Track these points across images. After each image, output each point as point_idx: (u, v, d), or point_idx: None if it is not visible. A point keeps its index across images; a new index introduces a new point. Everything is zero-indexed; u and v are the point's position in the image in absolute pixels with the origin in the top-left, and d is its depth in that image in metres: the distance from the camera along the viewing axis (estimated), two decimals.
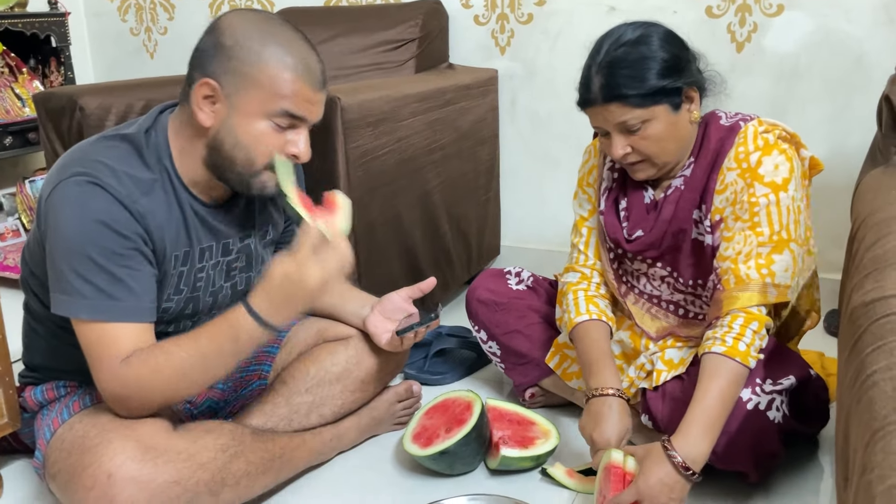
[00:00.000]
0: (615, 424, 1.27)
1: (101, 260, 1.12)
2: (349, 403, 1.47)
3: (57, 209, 1.13)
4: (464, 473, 1.43)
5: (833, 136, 2.05)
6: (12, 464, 1.48)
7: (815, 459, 1.45)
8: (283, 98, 1.14)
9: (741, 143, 1.29)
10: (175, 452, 1.16)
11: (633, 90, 1.23)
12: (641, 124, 1.26)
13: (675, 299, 1.43)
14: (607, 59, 1.26)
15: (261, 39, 1.14)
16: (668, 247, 1.38)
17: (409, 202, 1.90)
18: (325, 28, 2.33)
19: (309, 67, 1.16)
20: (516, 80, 2.38)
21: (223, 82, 1.15)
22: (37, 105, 1.87)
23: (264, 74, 1.14)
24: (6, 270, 2.39)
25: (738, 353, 1.22)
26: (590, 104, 1.29)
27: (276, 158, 1.18)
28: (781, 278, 1.26)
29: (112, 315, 1.14)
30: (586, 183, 1.52)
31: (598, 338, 1.40)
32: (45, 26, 2.64)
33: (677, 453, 1.17)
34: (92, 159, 1.15)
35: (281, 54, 1.14)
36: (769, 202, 1.26)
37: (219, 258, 1.30)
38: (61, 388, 1.31)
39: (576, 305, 1.45)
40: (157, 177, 1.19)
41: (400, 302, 1.46)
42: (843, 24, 1.98)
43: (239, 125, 1.16)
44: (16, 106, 2.62)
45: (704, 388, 1.22)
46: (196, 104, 1.16)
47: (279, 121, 1.16)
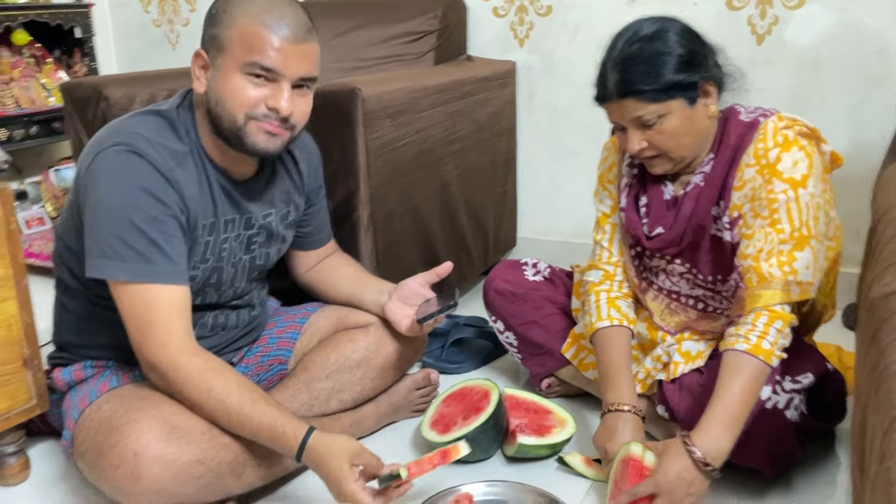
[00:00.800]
0: (628, 439, 1.30)
1: (141, 224, 1.16)
2: (368, 390, 1.50)
3: (98, 176, 1.18)
4: (481, 460, 1.44)
5: (853, 129, 2.04)
6: (38, 445, 1.51)
7: (832, 451, 1.45)
8: (251, 49, 1.16)
9: (760, 140, 1.29)
10: (199, 433, 1.19)
11: (648, 85, 1.23)
12: (657, 119, 1.26)
13: (695, 294, 1.43)
14: (622, 55, 1.26)
15: (239, 2, 1.19)
16: (688, 243, 1.38)
17: (428, 193, 1.91)
18: (345, 20, 2.34)
19: (280, 19, 1.17)
20: (534, 72, 2.39)
21: (208, 48, 1.21)
22: (63, 94, 1.90)
23: (234, 31, 1.18)
24: (32, 257, 2.43)
25: (761, 352, 1.22)
26: (606, 100, 1.29)
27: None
28: (804, 275, 1.26)
29: (151, 277, 1.18)
30: (607, 180, 1.52)
31: (618, 346, 1.41)
32: (69, 17, 2.68)
33: (697, 449, 1.17)
34: (129, 131, 1.20)
35: (254, 11, 1.17)
36: (788, 199, 1.25)
37: (240, 231, 1.34)
38: (88, 368, 1.34)
39: (597, 309, 1.45)
40: (188, 149, 1.24)
41: (417, 288, 1.47)
42: (863, 16, 1.97)
43: (219, 82, 1.20)
44: (41, 96, 2.66)
45: (726, 385, 1.21)
46: (194, 75, 1.23)
47: (252, 73, 1.17)
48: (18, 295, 1.33)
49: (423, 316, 1.40)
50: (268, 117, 1.20)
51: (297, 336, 1.52)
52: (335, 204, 1.68)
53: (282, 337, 1.52)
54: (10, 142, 2.52)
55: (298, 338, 1.52)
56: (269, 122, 1.20)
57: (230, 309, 1.41)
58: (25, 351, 1.35)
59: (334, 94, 1.61)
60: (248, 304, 1.44)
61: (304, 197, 1.46)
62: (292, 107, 1.20)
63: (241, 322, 1.44)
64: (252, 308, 1.46)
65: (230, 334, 1.42)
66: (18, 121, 2.54)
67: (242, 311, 1.43)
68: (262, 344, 1.51)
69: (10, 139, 2.52)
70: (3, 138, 2.49)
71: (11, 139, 2.52)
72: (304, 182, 1.44)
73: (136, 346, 1.20)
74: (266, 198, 1.37)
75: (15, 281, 1.32)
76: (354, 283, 1.54)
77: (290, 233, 1.46)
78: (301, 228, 1.50)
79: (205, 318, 1.36)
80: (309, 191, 1.47)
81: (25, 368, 1.35)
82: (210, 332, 1.38)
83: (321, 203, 1.52)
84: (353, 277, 1.55)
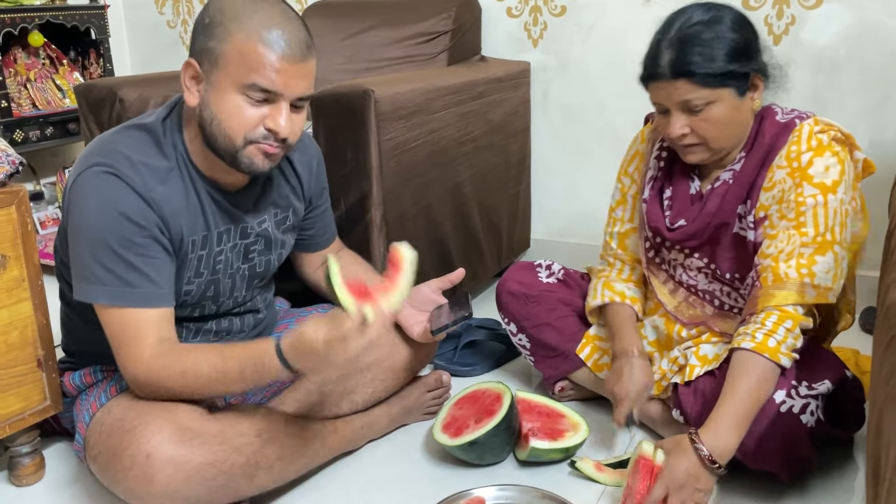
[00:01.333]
0: (635, 379, 1.37)
1: (118, 249, 1.16)
2: (380, 392, 1.49)
3: (77, 199, 1.17)
4: (493, 464, 1.44)
5: (872, 130, 2.01)
6: (53, 446, 1.52)
7: (850, 457, 1.43)
8: (252, 71, 1.12)
9: (794, 142, 1.28)
10: (211, 435, 1.19)
11: (703, 69, 1.22)
12: (705, 105, 1.25)
13: (711, 289, 1.43)
14: (679, 35, 1.25)
15: (234, 14, 1.13)
16: (709, 238, 1.37)
17: (441, 194, 1.91)
18: (358, 21, 2.34)
19: (281, 39, 1.12)
20: (549, 72, 2.37)
21: (201, 60, 1.16)
22: (78, 96, 1.91)
23: (234, 48, 1.12)
24: (47, 258, 2.44)
25: (767, 350, 1.22)
26: (656, 78, 1.27)
27: (329, 259, 1.17)
28: (821, 279, 1.25)
29: (131, 301, 1.18)
30: (624, 171, 1.53)
31: (618, 311, 1.50)
32: (84, 18, 2.69)
33: (704, 446, 1.18)
34: (111, 149, 1.19)
35: (253, 27, 1.12)
36: (816, 203, 1.25)
37: (237, 241, 1.33)
38: (98, 372, 1.35)
39: (593, 291, 1.55)
40: (174, 164, 1.22)
41: (430, 294, 1.47)
42: (883, 16, 1.94)
43: (215, 101, 1.15)
44: (56, 97, 2.68)
45: (734, 384, 1.22)
46: (184, 85, 1.18)
47: (252, 95, 1.13)
48: (33, 296, 1.33)
49: (437, 327, 1.40)
50: (267, 139, 1.17)
51: None
52: (348, 205, 1.68)
53: None
54: (26, 143, 2.53)
55: None
56: (267, 143, 1.17)
57: (234, 315, 1.41)
58: (40, 352, 1.36)
59: (347, 96, 1.61)
60: (252, 309, 1.44)
61: (305, 201, 1.45)
62: (291, 127, 1.17)
63: (247, 326, 1.44)
64: (257, 312, 1.45)
65: (236, 338, 1.42)
66: (34, 122, 2.56)
67: (247, 317, 1.43)
68: None
69: (26, 140, 2.53)
70: (19, 139, 2.51)
71: (27, 140, 2.54)
72: (303, 186, 1.42)
73: (119, 366, 1.22)
74: (261, 205, 1.35)
75: (30, 282, 1.33)
76: None
77: (290, 237, 1.45)
78: (305, 231, 1.49)
79: (208, 325, 1.37)
80: (311, 194, 1.45)
81: (40, 369, 1.36)
82: (215, 337, 1.38)
83: (325, 205, 1.51)
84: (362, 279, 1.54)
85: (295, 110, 1.18)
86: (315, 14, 2.44)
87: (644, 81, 1.31)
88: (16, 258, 1.30)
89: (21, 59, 2.63)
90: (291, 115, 1.17)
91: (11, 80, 2.57)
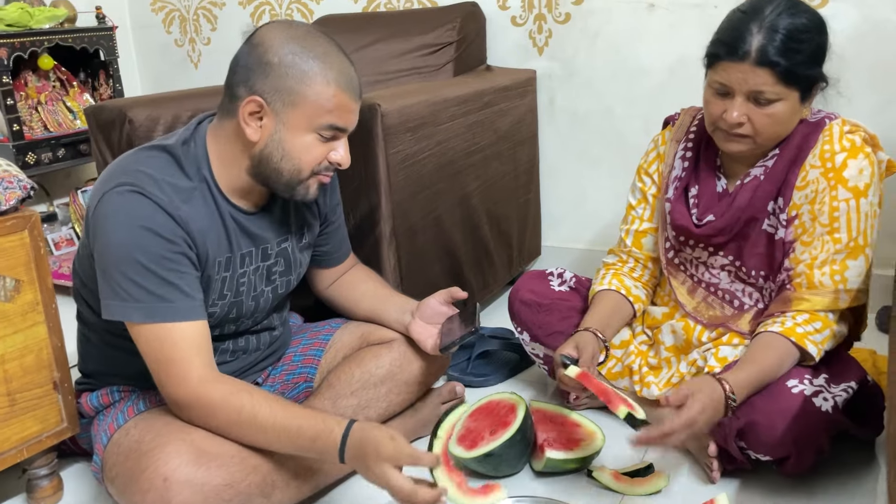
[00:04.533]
0: (587, 350, 1.36)
1: (149, 264, 1.16)
2: (394, 405, 1.49)
3: (104, 219, 1.18)
4: (509, 475, 1.43)
5: (882, 128, 1.98)
6: (71, 467, 1.53)
7: (873, 459, 1.42)
8: (329, 112, 1.20)
9: (826, 142, 1.29)
10: (228, 456, 1.19)
11: (790, 63, 1.21)
12: (773, 101, 1.24)
13: (733, 289, 1.42)
14: (773, 22, 1.22)
15: (303, 55, 1.19)
16: (737, 233, 1.37)
17: (450, 205, 1.91)
18: (363, 34, 2.35)
19: (350, 80, 1.22)
20: (555, 80, 2.37)
21: (270, 99, 1.18)
22: (88, 118, 1.93)
23: (310, 90, 1.18)
24: (61, 278, 2.46)
25: (793, 334, 1.25)
26: (736, 59, 1.23)
27: (435, 471, 1.26)
28: (854, 283, 1.27)
29: (165, 316, 1.17)
30: (644, 171, 1.53)
31: (607, 301, 1.50)
32: (93, 40, 2.72)
33: (728, 382, 1.22)
34: (133, 170, 1.20)
35: (324, 70, 1.19)
36: (849, 208, 1.26)
37: (259, 263, 1.34)
38: (115, 393, 1.36)
39: (601, 278, 1.56)
40: (196, 185, 1.24)
41: (438, 306, 1.47)
42: (889, 13, 1.93)
43: (286, 139, 1.21)
44: (67, 119, 2.71)
45: (755, 353, 1.27)
46: (243, 120, 1.20)
47: (324, 133, 1.22)
48: (48, 319, 1.34)
49: (445, 345, 1.41)
50: (328, 170, 1.26)
51: (322, 353, 1.52)
52: (357, 219, 1.68)
53: (306, 354, 1.52)
54: (38, 165, 2.56)
55: (323, 355, 1.52)
56: (327, 173, 1.27)
57: (250, 334, 1.41)
58: (56, 374, 1.36)
59: None
60: (268, 327, 1.44)
61: (321, 218, 1.47)
62: (349, 158, 1.27)
63: (263, 344, 1.44)
64: (273, 330, 1.46)
65: (252, 357, 1.43)
66: (46, 144, 2.58)
67: (263, 335, 1.44)
68: (286, 362, 1.52)
69: (38, 162, 2.56)
70: (32, 162, 2.54)
71: (40, 162, 2.56)
72: (318, 204, 1.45)
73: (158, 384, 1.21)
74: (282, 226, 1.37)
75: (44, 305, 1.34)
76: (376, 299, 1.53)
77: (306, 255, 1.46)
78: (319, 248, 1.50)
79: (225, 345, 1.37)
80: (325, 211, 1.47)
81: (56, 392, 1.37)
82: (231, 356, 1.39)
83: (339, 221, 1.53)
84: (374, 294, 1.54)
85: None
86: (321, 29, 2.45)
87: (714, 58, 1.27)
88: (30, 282, 1.31)
89: (31, 83, 2.66)
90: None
91: (22, 103, 2.59)
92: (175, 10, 3.02)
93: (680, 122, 1.51)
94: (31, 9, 2.54)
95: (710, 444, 1.34)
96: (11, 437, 1.31)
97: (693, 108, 1.53)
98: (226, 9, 2.87)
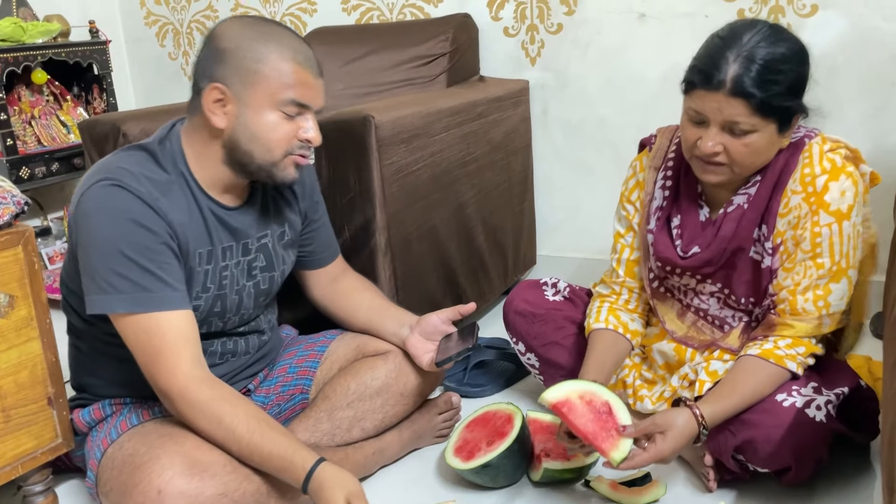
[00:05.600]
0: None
1: (132, 255, 1.18)
2: (390, 417, 1.49)
3: (86, 214, 1.20)
4: (507, 486, 1.43)
5: (873, 135, 2.01)
6: (67, 483, 1.52)
7: (868, 466, 1.42)
8: (289, 88, 1.22)
9: (806, 164, 1.26)
10: (221, 465, 1.19)
11: (764, 94, 1.16)
12: (746, 132, 1.20)
13: (723, 315, 1.42)
14: (750, 52, 1.17)
15: (258, 38, 1.23)
16: (724, 263, 1.36)
17: (445, 215, 1.91)
18: (357, 46, 2.36)
19: (307, 56, 1.25)
20: (548, 90, 2.38)
21: (230, 83, 1.22)
22: (82, 132, 1.93)
23: (267, 67, 1.21)
24: (56, 293, 2.45)
25: (772, 356, 1.25)
26: (710, 88, 1.19)
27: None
28: (837, 306, 1.27)
29: (149, 305, 1.19)
30: (627, 199, 1.50)
31: (603, 344, 1.45)
32: (87, 55, 2.72)
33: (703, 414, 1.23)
34: (112, 167, 1.23)
35: (279, 48, 1.22)
36: (832, 232, 1.24)
37: (239, 258, 1.35)
38: (107, 407, 1.36)
39: (597, 313, 1.50)
40: (174, 179, 1.26)
41: (439, 324, 1.48)
42: (878, 21, 1.95)
43: (251, 120, 1.23)
44: (61, 133, 2.71)
45: (733, 380, 1.27)
46: (208, 109, 1.23)
47: (287, 110, 1.23)
48: (42, 335, 1.34)
49: (441, 359, 1.41)
50: (301, 148, 1.27)
51: (317, 365, 1.52)
52: (352, 231, 1.69)
53: (301, 366, 1.52)
54: (32, 179, 2.55)
55: (318, 366, 1.52)
56: (301, 153, 1.28)
57: (238, 336, 1.42)
58: (50, 390, 1.36)
59: (347, 122, 1.62)
60: (256, 329, 1.45)
61: (301, 215, 1.47)
62: (319, 135, 1.27)
63: (252, 347, 1.45)
64: (262, 333, 1.47)
65: (241, 360, 1.43)
66: (40, 158, 2.57)
67: (251, 337, 1.44)
68: (282, 373, 1.51)
69: (32, 177, 2.55)
70: (25, 176, 2.53)
71: (34, 177, 2.56)
72: (298, 200, 1.46)
73: (147, 376, 1.22)
74: (261, 221, 1.38)
75: (38, 321, 1.33)
76: (373, 311, 1.54)
77: (290, 253, 1.47)
78: (305, 247, 1.51)
79: (213, 346, 1.37)
80: (305, 208, 1.48)
81: (51, 407, 1.36)
82: (220, 359, 1.39)
83: (322, 220, 1.53)
84: (370, 305, 1.54)
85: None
86: (314, 40, 2.46)
87: (690, 86, 1.23)
88: (23, 297, 1.31)
89: (25, 97, 2.66)
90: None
91: (16, 118, 2.59)
92: (168, 23, 3.03)
93: (657, 145, 1.46)
94: (24, 24, 2.54)
95: (706, 454, 1.34)
96: (6, 454, 1.30)
97: (669, 128, 1.48)
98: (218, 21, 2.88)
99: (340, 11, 2.64)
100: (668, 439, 1.20)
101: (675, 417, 1.22)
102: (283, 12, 2.76)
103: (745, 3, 2.08)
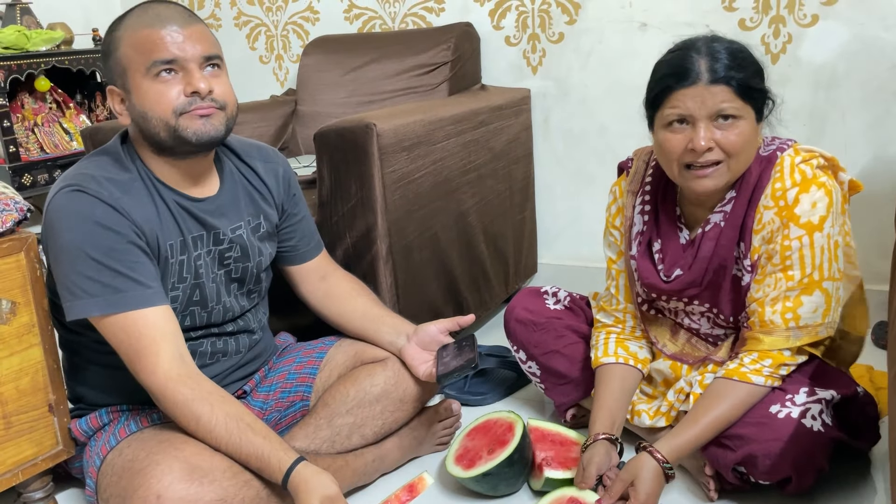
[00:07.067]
0: (597, 464, 1.31)
1: (100, 257, 1.19)
2: (390, 423, 1.49)
3: (52, 222, 1.22)
4: (507, 495, 1.42)
5: (874, 145, 2.01)
6: (67, 490, 1.52)
7: (868, 477, 1.41)
8: (147, 53, 1.22)
9: (777, 178, 1.26)
10: (220, 471, 1.19)
11: (741, 75, 1.20)
12: (736, 118, 1.21)
13: (715, 333, 1.42)
14: (711, 48, 1.22)
15: (114, 29, 1.26)
16: (709, 283, 1.35)
17: (446, 223, 1.92)
18: (359, 55, 2.37)
19: (155, 16, 1.23)
20: (549, 98, 2.39)
21: (114, 80, 1.27)
22: (84, 139, 1.93)
23: (127, 46, 1.23)
24: None
25: (736, 374, 1.27)
26: (687, 84, 1.21)
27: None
28: (808, 319, 1.26)
29: (123, 305, 1.20)
30: (612, 225, 1.51)
31: (614, 382, 1.44)
32: (90, 62, 2.73)
33: (661, 453, 1.26)
34: (74, 174, 1.26)
35: (126, 26, 1.24)
36: (802, 245, 1.24)
37: (210, 247, 1.36)
38: (104, 415, 1.36)
39: (605, 346, 1.49)
40: (135, 176, 1.28)
41: (437, 334, 1.48)
42: (880, 31, 1.95)
43: (138, 101, 1.24)
44: (64, 140, 2.71)
45: (696, 408, 1.30)
46: (116, 112, 1.28)
47: (159, 74, 1.22)
48: (43, 341, 1.34)
49: (443, 373, 1.41)
50: (192, 103, 1.23)
51: (317, 371, 1.52)
52: (354, 238, 1.69)
53: (301, 373, 1.52)
54: (34, 186, 2.56)
55: (318, 373, 1.52)
56: (196, 106, 1.23)
57: (228, 335, 1.42)
58: (51, 396, 1.36)
59: (349, 130, 1.62)
60: (245, 329, 1.45)
61: (277, 207, 1.48)
62: (209, 83, 1.23)
63: (243, 347, 1.45)
64: (252, 332, 1.47)
65: (232, 360, 1.43)
66: (42, 166, 2.58)
67: (241, 337, 1.44)
68: (280, 380, 1.51)
69: (34, 184, 2.56)
70: (28, 183, 2.54)
71: (36, 184, 2.57)
72: (272, 192, 1.46)
73: (133, 374, 1.23)
74: (233, 212, 1.39)
75: (40, 328, 1.33)
76: (367, 319, 1.53)
77: (267, 245, 1.46)
78: (285, 242, 1.51)
79: (203, 347, 1.38)
80: (281, 200, 1.48)
81: (52, 414, 1.36)
82: (211, 359, 1.40)
83: (301, 213, 1.53)
84: (364, 313, 1.54)
85: (210, 72, 1.25)
86: (316, 49, 2.47)
87: (666, 91, 1.23)
88: (25, 304, 1.31)
89: (28, 105, 2.67)
90: (209, 77, 1.25)
91: (19, 125, 2.60)
92: None
93: (634, 169, 1.46)
94: (27, 31, 2.55)
95: (706, 465, 1.34)
96: (7, 461, 1.30)
97: (644, 149, 1.48)
98: (221, 30, 2.90)
99: (343, 20, 2.65)
100: (639, 491, 1.24)
101: (637, 468, 1.26)
102: (286, 21, 2.77)
103: (746, 13, 2.09)
